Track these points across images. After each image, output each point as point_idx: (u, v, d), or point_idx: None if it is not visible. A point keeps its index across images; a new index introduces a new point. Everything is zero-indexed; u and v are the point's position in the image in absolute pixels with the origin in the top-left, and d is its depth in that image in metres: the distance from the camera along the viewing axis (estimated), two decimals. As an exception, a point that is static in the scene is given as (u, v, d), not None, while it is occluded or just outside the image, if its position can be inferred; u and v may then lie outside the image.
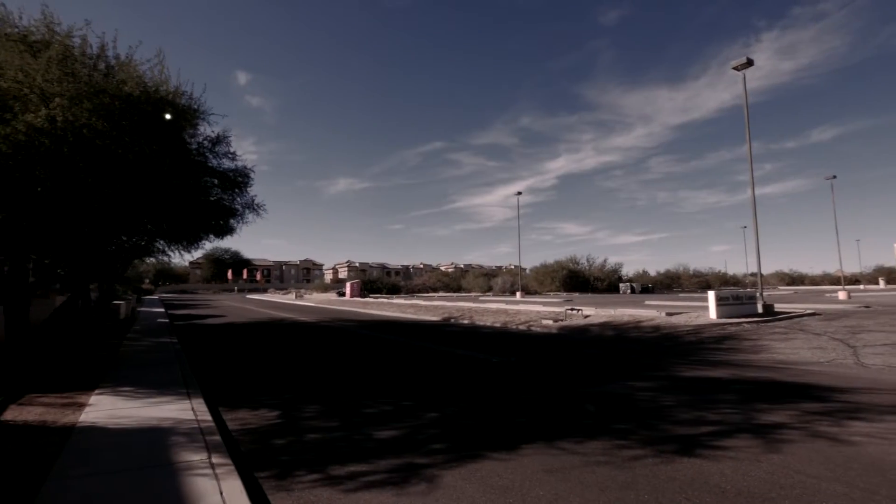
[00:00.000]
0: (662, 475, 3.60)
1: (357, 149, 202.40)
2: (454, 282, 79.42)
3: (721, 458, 3.92)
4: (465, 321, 20.54)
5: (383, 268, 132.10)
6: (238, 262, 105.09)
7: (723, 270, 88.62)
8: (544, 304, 27.93)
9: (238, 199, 12.44)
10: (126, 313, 21.69)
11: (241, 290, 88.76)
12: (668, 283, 72.63)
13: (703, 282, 72.37)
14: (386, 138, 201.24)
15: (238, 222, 13.11)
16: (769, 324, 14.31)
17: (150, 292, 69.11)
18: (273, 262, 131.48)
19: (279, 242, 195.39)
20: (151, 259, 17.85)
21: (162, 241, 13.24)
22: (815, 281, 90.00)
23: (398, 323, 20.94)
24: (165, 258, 15.47)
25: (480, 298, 41.93)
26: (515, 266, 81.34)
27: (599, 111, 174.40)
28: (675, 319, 16.00)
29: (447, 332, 16.38)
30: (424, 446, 4.36)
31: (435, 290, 76.45)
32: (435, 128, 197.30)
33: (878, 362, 8.67)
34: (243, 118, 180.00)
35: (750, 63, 18.11)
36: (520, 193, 48.53)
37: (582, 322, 17.30)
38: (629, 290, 60.34)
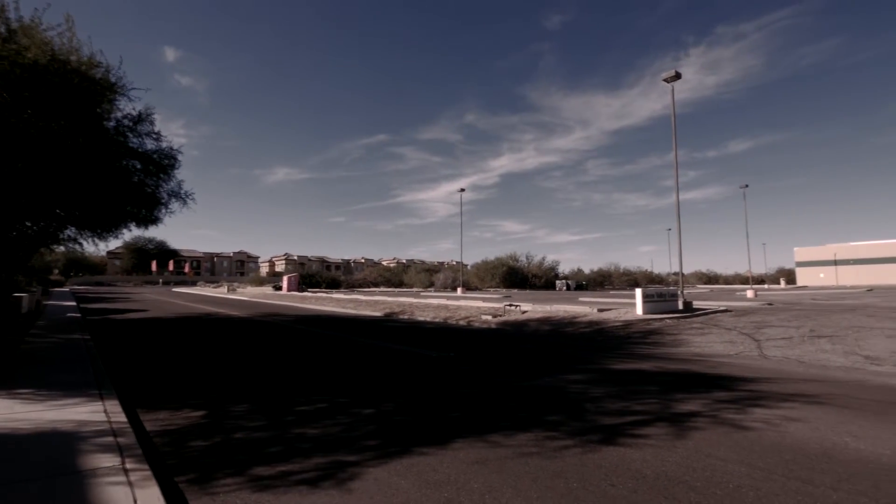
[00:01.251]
0: (590, 463, 3.77)
1: (297, 137, 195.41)
2: (396, 277, 79.00)
3: (643, 446, 4.17)
4: (406, 316, 20.47)
5: (323, 262, 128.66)
6: (163, 253, 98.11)
7: (649, 269, 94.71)
8: (484, 299, 28.44)
9: (164, 184, 11.57)
10: (30, 307, 19.55)
11: (166, 283, 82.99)
12: (600, 281, 76.43)
13: (631, 280, 76.93)
14: (327, 128, 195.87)
15: (163, 210, 12.19)
16: (688, 319, 15.44)
17: (60, 284, 62.93)
18: (203, 253, 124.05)
19: (211, 233, 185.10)
20: (61, 248, 16.21)
21: (73, 228, 12.02)
22: (728, 280, 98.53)
23: (337, 318, 20.48)
24: (77, 247, 14.09)
25: (422, 294, 41.99)
26: (457, 262, 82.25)
27: (541, 113, 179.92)
28: (605, 315, 16.86)
29: (387, 328, 16.25)
30: (359, 443, 4.28)
31: (376, 284, 75.60)
32: (379, 120, 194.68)
33: (778, 354, 9.61)
34: (171, 98, 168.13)
35: (678, 76, 19.36)
36: (463, 190, 49.01)
37: (520, 317, 17.78)
38: (565, 287, 62.89)
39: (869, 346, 9.93)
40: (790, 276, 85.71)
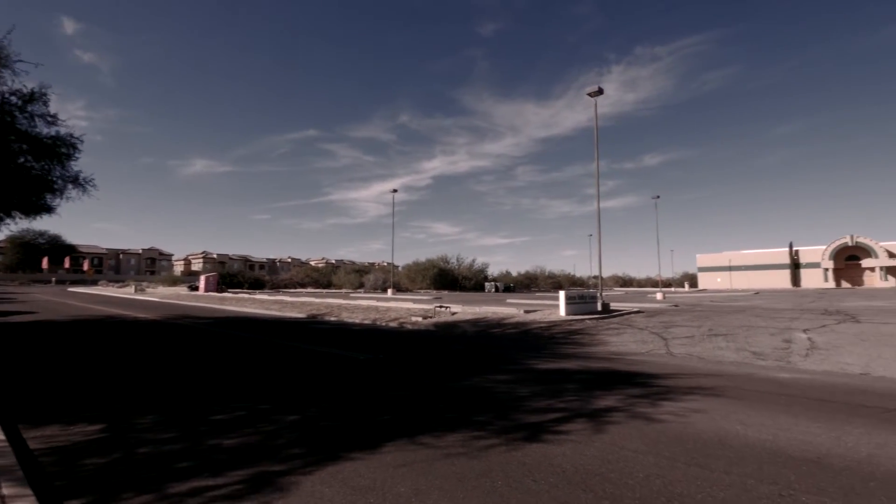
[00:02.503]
0: (514, 461, 3.88)
1: (218, 128, 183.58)
2: (324, 277, 76.75)
3: (563, 442, 4.36)
4: (334, 318, 19.94)
5: (246, 261, 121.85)
6: (57, 248, 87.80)
7: (572, 273, 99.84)
8: (415, 301, 28.44)
9: (58, 170, 10.32)
10: None
11: (60, 283, 74.29)
12: (527, 283, 79.37)
13: (556, 282, 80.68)
14: (253, 119, 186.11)
15: (57, 199, 10.87)
16: (606, 320, 16.46)
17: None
18: (107, 249, 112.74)
19: (117, 228, 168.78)
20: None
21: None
22: (641, 283, 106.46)
23: (260, 320, 19.49)
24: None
25: (351, 295, 41.15)
26: (388, 263, 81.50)
27: (474, 117, 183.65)
28: (531, 316, 17.51)
29: (314, 330, 15.72)
30: (281, 452, 4.09)
31: (303, 285, 72.99)
32: (309, 115, 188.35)
33: (683, 352, 10.52)
34: (70, 76, 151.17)
35: (601, 92, 20.62)
36: (395, 191, 48.80)
37: (450, 319, 17.98)
38: (493, 289, 64.55)
39: (756, 342, 11.17)
40: (693, 280, 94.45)
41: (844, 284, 76.59)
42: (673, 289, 77.04)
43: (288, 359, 9.60)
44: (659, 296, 36.62)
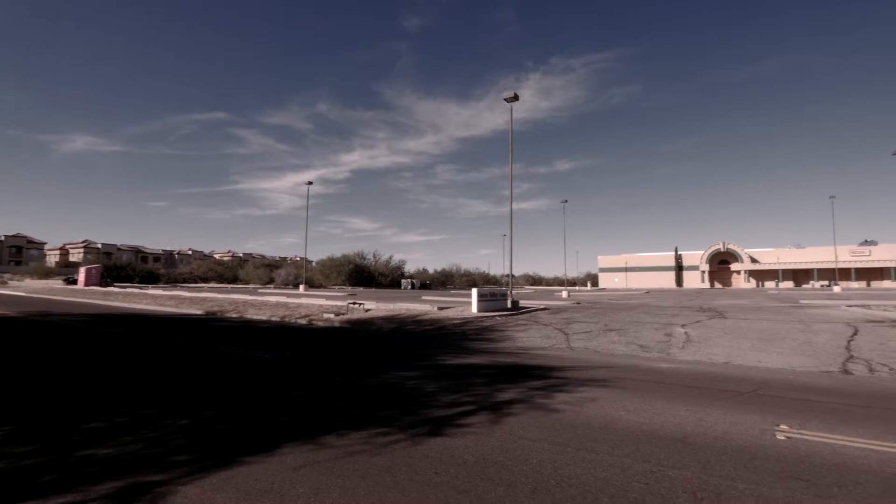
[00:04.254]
0: (418, 455, 3.94)
1: (106, 101, 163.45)
2: (230, 272, 71.96)
3: (466, 434, 4.51)
4: (238, 315, 18.77)
5: (138, 252, 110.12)
6: None
7: (486, 271, 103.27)
8: (328, 297, 27.65)
9: None
10: None
11: None
12: (443, 281, 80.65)
13: (471, 280, 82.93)
14: (150, 95, 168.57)
15: None
16: (515, 317, 17.24)
17: None
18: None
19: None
20: None
21: None
22: (549, 282, 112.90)
23: (151, 317, 17.78)
24: None
25: (259, 291, 38.98)
26: (301, 258, 78.28)
27: (395, 112, 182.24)
28: (445, 313, 17.83)
29: (215, 328, 14.68)
30: (166, 459, 3.77)
31: (206, 280, 67.84)
32: (216, 96, 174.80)
33: (581, 346, 11.35)
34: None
35: (516, 98, 21.50)
36: (311, 183, 47.00)
37: (364, 316, 17.73)
38: (410, 286, 64.75)
39: (643, 336, 12.37)
40: (594, 280, 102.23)
41: (717, 285, 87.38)
42: (577, 287, 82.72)
43: (182, 359, 8.87)
44: (564, 294, 39.15)
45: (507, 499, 3.15)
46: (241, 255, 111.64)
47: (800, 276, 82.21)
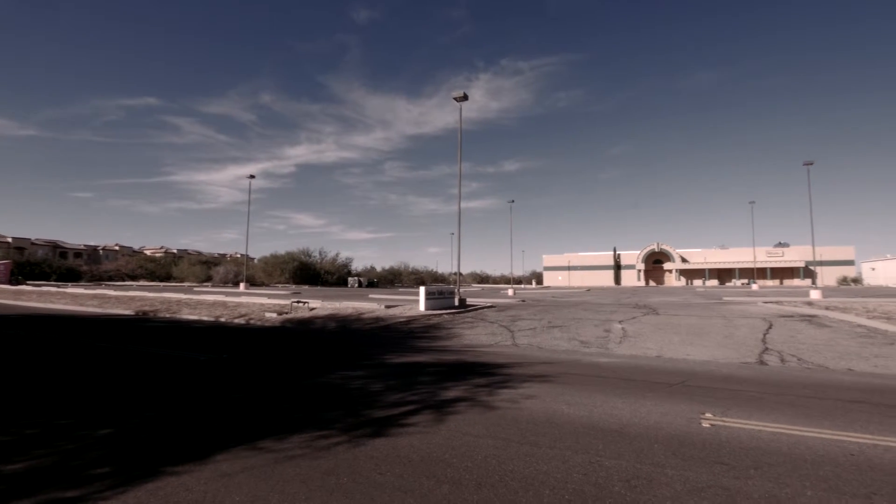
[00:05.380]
0: (362, 456, 3.86)
1: (16, 79, 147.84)
2: (163, 269, 67.73)
3: (412, 433, 4.49)
4: (170, 315, 17.68)
5: (56, 247, 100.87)
6: None
7: (435, 269, 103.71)
8: (270, 296, 26.65)
9: None
10: None
11: None
12: (391, 279, 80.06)
13: (419, 278, 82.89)
14: (70, 74, 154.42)
15: None
16: (462, 315, 17.40)
17: None
18: None
19: None
20: None
21: None
22: (496, 280, 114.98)
23: (70, 318, 16.36)
24: None
25: (196, 289, 36.92)
26: (242, 255, 74.90)
27: (344, 107, 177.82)
28: (392, 311, 17.68)
29: (144, 329, 13.73)
30: (84, 472, 3.47)
31: (135, 278, 63.42)
32: (147, 79, 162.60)
33: (526, 342, 11.64)
34: None
35: (466, 98, 21.67)
36: (253, 177, 45.10)
37: (307, 315, 17.24)
38: (357, 284, 63.77)
39: (583, 332, 12.87)
40: (539, 278, 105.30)
41: (651, 283, 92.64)
42: (522, 285, 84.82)
43: (105, 363, 8.22)
44: (510, 292, 40.03)
45: (452, 496, 3.16)
46: (175, 251, 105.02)
47: (724, 274, 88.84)
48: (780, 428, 4.71)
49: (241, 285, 43.10)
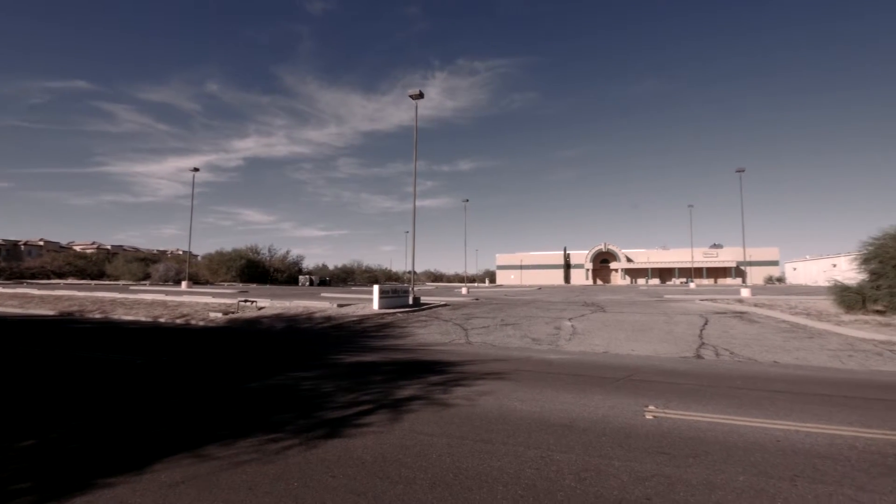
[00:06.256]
0: (313, 459, 3.76)
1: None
2: (95, 266, 63.27)
3: (365, 434, 4.41)
4: (102, 315, 16.51)
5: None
6: None
7: (389, 267, 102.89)
8: (215, 295, 25.49)
9: None
10: None
11: None
12: (343, 277, 78.67)
13: (373, 277, 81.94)
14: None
15: None
16: (416, 313, 17.36)
17: None
18: None
19: None
20: None
21: None
22: (450, 279, 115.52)
23: (-13, 320, 14.91)
24: None
25: (132, 288, 34.68)
26: (184, 251, 71.08)
27: (296, 99, 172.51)
28: (345, 310, 17.37)
29: (73, 330, 12.74)
30: (3, 489, 3.16)
31: (62, 275, 58.87)
32: (78, 61, 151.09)
33: (479, 340, 11.76)
34: None
35: (421, 96, 21.60)
36: (197, 169, 42.92)
37: (256, 314, 16.62)
38: (308, 283, 62.15)
39: (535, 330, 13.18)
40: (492, 277, 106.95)
41: (599, 282, 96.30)
42: (476, 284, 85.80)
43: (26, 367, 7.55)
44: (464, 290, 40.37)
45: (406, 496, 3.13)
46: (108, 247, 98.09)
47: (665, 273, 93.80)
48: (715, 418, 5.01)
49: (184, 284, 40.92)
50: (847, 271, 17.87)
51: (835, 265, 63.65)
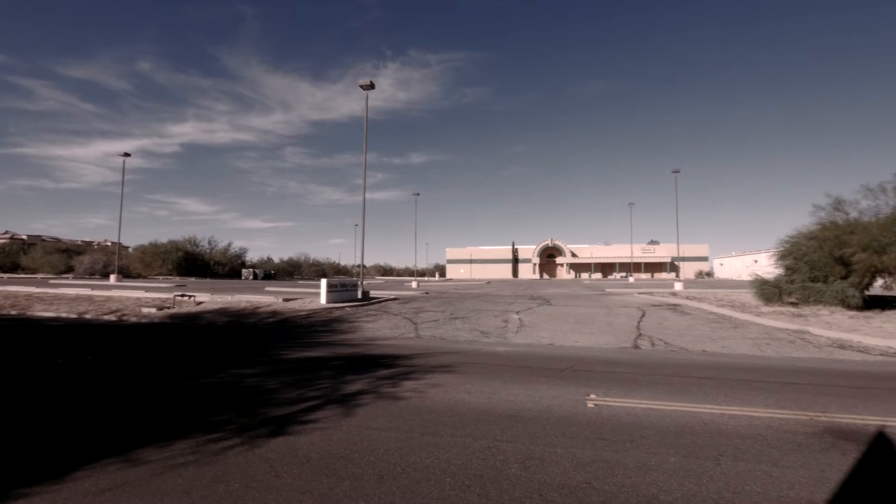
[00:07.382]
0: (255, 459, 3.63)
1: None
2: (8, 258, 57.70)
3: (311, 431, 4.31)
4: (19, 312, 15.09)
5: None
6: None
7: (337, 261, 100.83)
8: (149, 289, 23.97)
9: None
10: None
11: None
12: (290, 271, 76.28)
13: (320, 270, 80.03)
14: None
15: None
16: (365, 307, 17.15)
17: None
18: None
19: None
20: None
21: None
22: (400, 273, 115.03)
23: None
24: None
25: (52, 282, 31.92)
26: (114, 242, 66.12)
27: (239, 84, 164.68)
28: (291, 305, 16.86)
29: (-18, 329, 11.54)
30: None
31: (-32, 268, 53.16)
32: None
33: (429, 334, 11.80)
34: None
35: (372, 86, 21.23)
36: (128, 154, 40.00)
37: (194, 309, 15.78)
38: (252, 276, 59.79)
39: (484, 323, 13.40)
40: (443, 271, 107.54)
41: (545, 276, 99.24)
42: (426, 278, 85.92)
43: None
44: (414, 284, 40.31)
45: (353, 492, 3.09)
46: (24, 237, 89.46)
47: (606, 268, 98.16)
48: (651, 404, 5.31)
49: (112, 277, 38.13)
50: (767, 267, 19.48)
51: (756, 261, 69.08)
